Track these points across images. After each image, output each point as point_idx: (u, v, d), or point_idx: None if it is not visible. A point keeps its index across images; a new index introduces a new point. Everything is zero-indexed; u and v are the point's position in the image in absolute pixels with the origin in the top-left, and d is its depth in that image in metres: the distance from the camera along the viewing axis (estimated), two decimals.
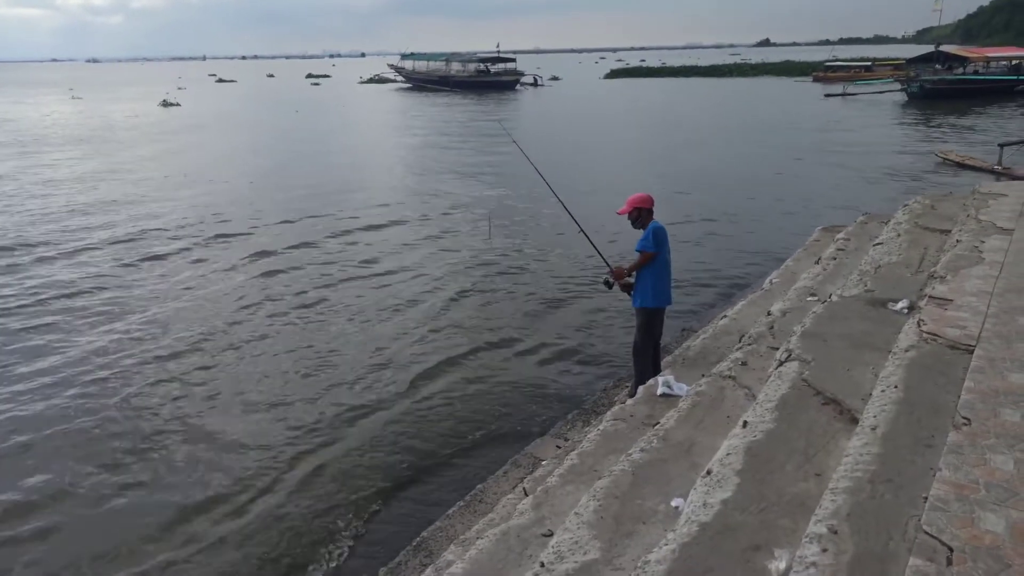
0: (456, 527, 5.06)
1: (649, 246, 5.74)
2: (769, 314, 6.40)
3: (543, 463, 5.59)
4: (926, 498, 2.77)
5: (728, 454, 3.60)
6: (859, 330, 4.97)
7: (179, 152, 27.30)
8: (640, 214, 5.84)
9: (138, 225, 14.57)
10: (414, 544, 5.00)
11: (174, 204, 16.72)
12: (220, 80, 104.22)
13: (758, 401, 4.18)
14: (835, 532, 2.66)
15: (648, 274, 5.81)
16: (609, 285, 6.04)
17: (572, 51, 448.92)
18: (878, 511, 2.78)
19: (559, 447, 5.94)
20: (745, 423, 3.91)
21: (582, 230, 6.61)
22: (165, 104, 53.74)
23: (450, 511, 5.32)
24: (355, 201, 16.99)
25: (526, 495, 4.70)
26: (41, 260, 12.17)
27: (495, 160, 23.07)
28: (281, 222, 14.75)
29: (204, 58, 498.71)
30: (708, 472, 3.51)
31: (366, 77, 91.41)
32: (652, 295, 5.85)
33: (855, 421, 3.74)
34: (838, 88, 48.97)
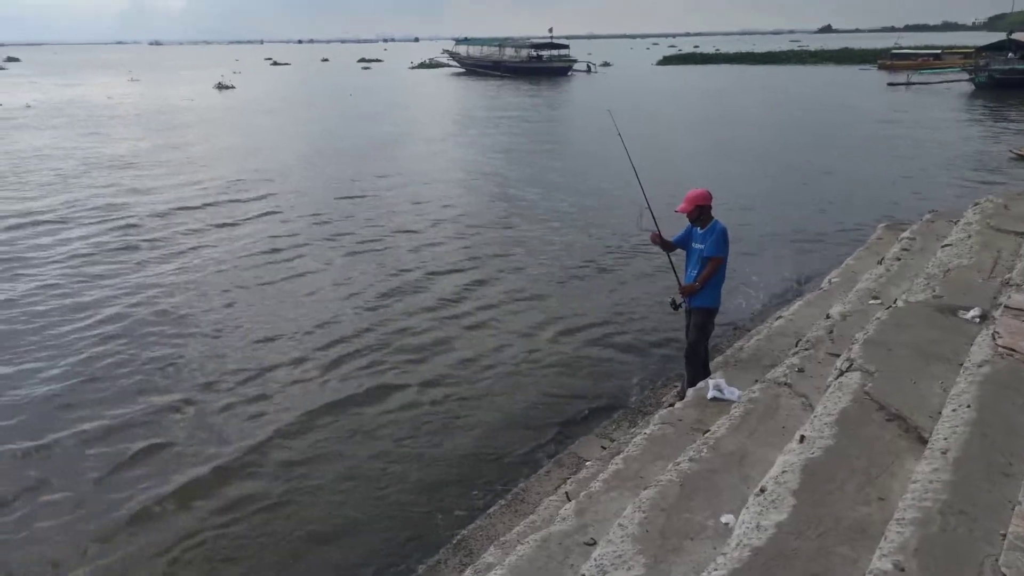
0: (497, 527, 4.98)
1: (724, 251, 5.55)
2: (828, 317, 6.13)
3: (587, 464, 5.46)
4: (1004, 535, 2.56)
5: (783, 471, 3.42)
6: (926, 339, 4.69)
7: (225, 133, 27.79)
8: (701, 212, 5.62)
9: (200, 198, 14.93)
10: (454, 542, 4.95)
11: (202, 186, 17.04)
12: (275, 63, 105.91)
13: (816, 414, 3.97)
14: (902, 570, 2.47)
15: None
16: (676, 307, 5.80)
17: (625, 36, 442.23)
18: (950, 547, 2.57)
19: (604, 448, 5.80)
20: (802, 437, 3.72)
21: (662, 242, 5.75)
22: (220, 87, 54.80)
23: (491, 510, 5.25)
24: (404, 194, 17.02)
25: (568, 499, 4.59)
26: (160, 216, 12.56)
27: (549, 149, 22.86)
28: (354, 207, 14.90)
29: (262, 42, 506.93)
30: (762, 490, 3.33)
31: (417, 62, 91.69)
32: (716, 295, 5.67)
33: (923, 441, 3.51)
34: (902, 77, 47.05)
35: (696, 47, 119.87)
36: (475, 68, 71.65)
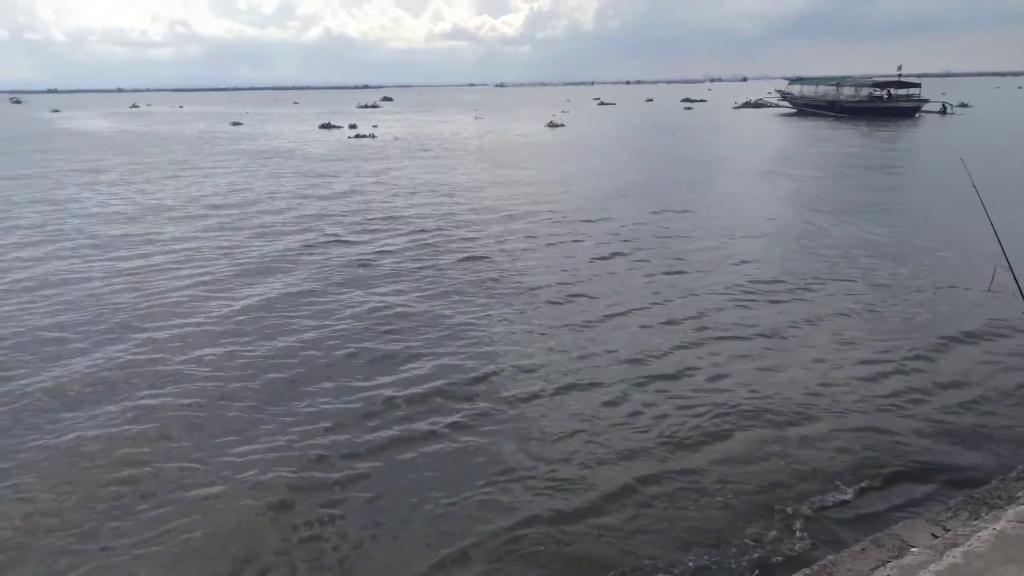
0: None
1: None
2: None
3: (912, 550, 4.79)
4: None
5: None
6: None
7: (556, 165, 29.86)
8: None
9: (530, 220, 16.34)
10: None
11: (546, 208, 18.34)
12: (602, 103, 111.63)
13: None
14: None
15: None
16: None
17: (991, 74, 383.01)
18: None
19: (935, 536, 5.04)
20: None
21: None
22: (551, 125, 59.21)
23: None
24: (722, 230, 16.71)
25: None
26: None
27: (882, 199, 20.75)
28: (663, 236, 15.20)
29: (592, 83, 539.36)
30: None
31: (740, 102, 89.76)
32: None
33: None
34: None
35: None
36: (807, 108, 67.81)
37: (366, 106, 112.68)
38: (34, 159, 35.47)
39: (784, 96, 76.24)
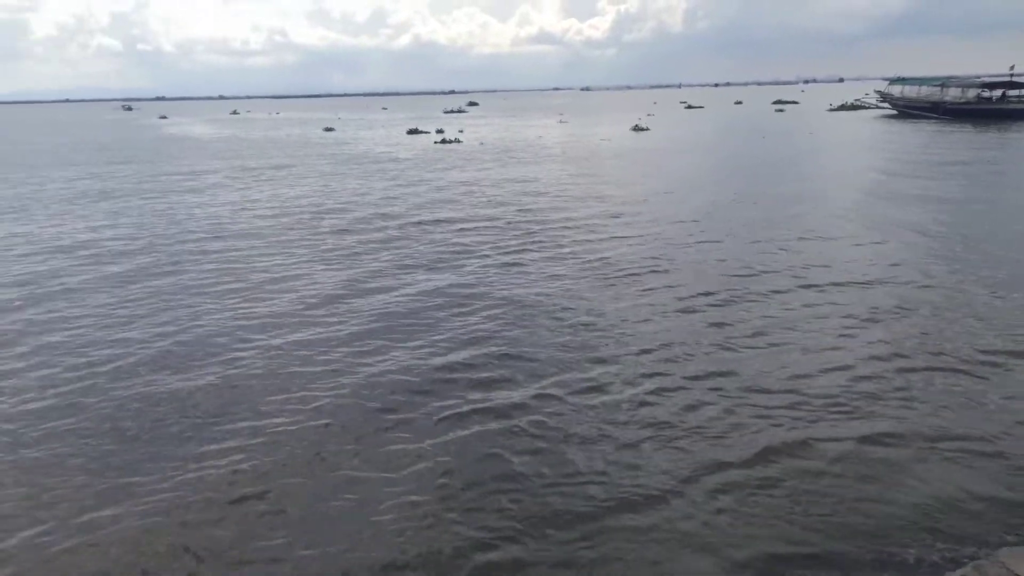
0: None
1: None
2: None
3: None
4: None
5: None
6: None
7: (631, 169, 29.55)
8: None
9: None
10: None
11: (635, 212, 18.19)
12: (689, 107, 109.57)
13: None
14: None
15: None
16: None
17: None
18: None
19: None
20: None
21: None
22: (636, 128, 58.61)
23: None
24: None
25: None
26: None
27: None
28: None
29: (679, 86, 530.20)
30: None
31: (836, 104, 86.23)
32: None
33: None
34: None
35: None
36: (908, 110, 64.50)
37: (452, 111, 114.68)
38: (144, 157, 37.86)
39: (884, 97, 72.74)
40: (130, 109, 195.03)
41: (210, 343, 9.84)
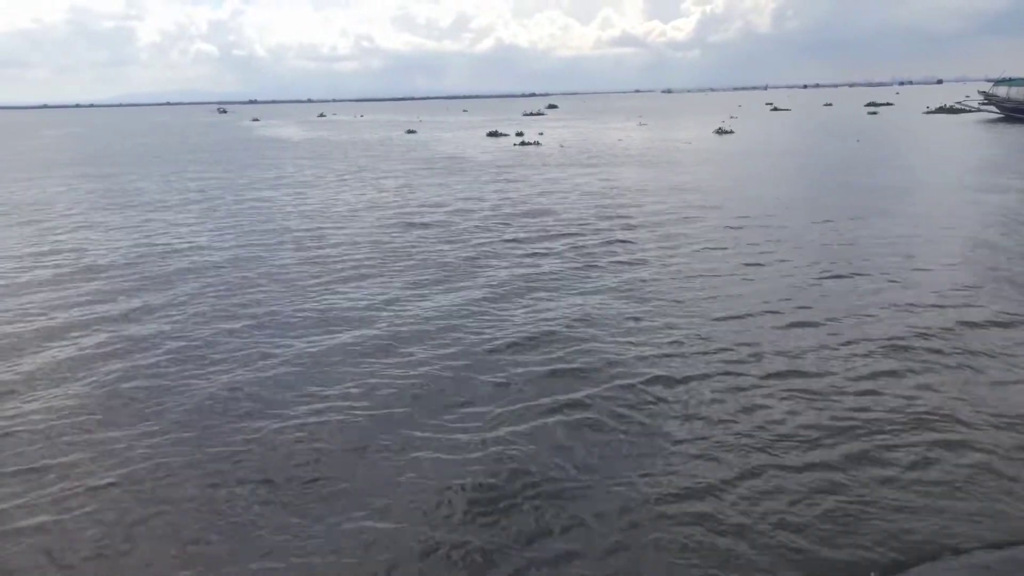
0: None
1: None
2: None
3: None
4: None
5: None
6: None
7: (712, 173, 28.87)
8: None
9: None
10: None
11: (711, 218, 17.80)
12: (775, 109, 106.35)
13: None
14: None
15: None
16: None
17: None
18: None
19: None
20: None
21: None
22: (719, 132, 57.31)
23: None
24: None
25: None
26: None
27: None
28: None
29: (765, 87, 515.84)
30: None
31: (934, 106, 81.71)
32: None
33: None
34: None
35: None
36: (1015, 113, 60.57)
37: (531, 114, 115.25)
38: (240, 159, 39.64)
39: (988, 99, 68.43)
40: (224, 112, 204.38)
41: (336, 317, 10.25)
